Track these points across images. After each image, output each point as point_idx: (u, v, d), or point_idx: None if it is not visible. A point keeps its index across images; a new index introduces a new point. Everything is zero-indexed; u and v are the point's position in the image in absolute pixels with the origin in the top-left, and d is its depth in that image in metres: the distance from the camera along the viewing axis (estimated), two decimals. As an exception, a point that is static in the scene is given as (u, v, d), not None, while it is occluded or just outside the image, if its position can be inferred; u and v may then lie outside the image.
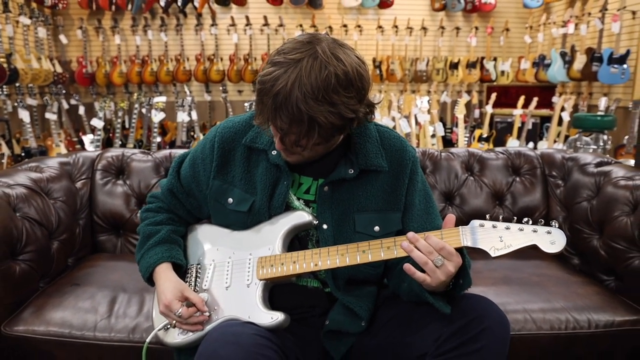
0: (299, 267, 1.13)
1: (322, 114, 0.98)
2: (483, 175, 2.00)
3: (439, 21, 5.96)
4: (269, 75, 1.00)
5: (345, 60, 1.00)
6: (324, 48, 1.00)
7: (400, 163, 1.22)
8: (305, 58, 0.98)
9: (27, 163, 1.87)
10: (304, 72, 0.97)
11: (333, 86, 0.98)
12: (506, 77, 5.86)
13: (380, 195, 1.21)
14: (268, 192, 1.20)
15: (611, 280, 1.68)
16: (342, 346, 1.17)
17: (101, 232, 1.91)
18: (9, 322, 1.40)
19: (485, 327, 1.02)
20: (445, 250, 1.01)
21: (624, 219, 1.64)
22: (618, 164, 1.89)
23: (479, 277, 1.65)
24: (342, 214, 1.19)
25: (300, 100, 0.97)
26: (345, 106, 1.00)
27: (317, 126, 1.00)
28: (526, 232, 1.03)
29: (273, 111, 0.99)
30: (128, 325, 1.39)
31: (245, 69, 5.78)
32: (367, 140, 1.20)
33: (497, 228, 1.04)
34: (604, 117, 3.77)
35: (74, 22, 5.71)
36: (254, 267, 1.17)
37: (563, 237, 1.02)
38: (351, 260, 1.10)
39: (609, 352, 1.47)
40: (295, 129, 1.01)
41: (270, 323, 1.10)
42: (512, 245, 1.02)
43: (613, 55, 4.42)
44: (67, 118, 5.09)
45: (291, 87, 0.97)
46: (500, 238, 1.03)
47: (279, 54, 1.02)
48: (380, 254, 1.09)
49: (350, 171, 1.17)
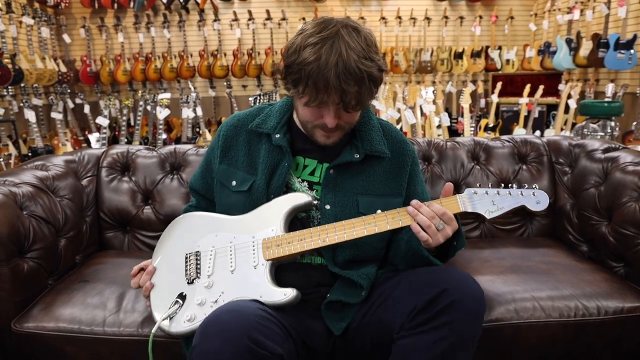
0: (306, 245, 1.16)
1: (373, 69, 1.10)
2: (489, 163, 1.99)
3: (442, 11, 5.92)
4: (315, 53, 1.07)
5: (360, 25, 1.15)
6: (341, 20, 1.13)
7: (401, 152, 1.32)
8: (339, 29, 1.10)
9: (33, 162, 1.88)
10: (349, 39, 1.08)
11: (370, 44, 1.12)
12: (511, 66, 5.81)
13: (382, 180, 1.28)
14: (268, 172, 1.25)
15: (620, 267, 1.67)
16: (342, 320, 1.18)
17: (108, 229, 1.92)
18: (19, 319, 1.42)
19: (454, 300, 1.03)
20: (446, 216, 1.12)
21: (632, 205, 1.63)
22: (626, 150, 1.87)
23: (487, 266, 1.64)
24: (345, 196, 1.25)
25: (357, 62, 1.07)
26: (379, 60, 1.13)
27: (374, 81, 1.11)
28: (514, 195, 1.17)
29: (336, 81, 1.06)
30: (137, 320, 1.40)
31: (249, 64, 5.78)
32: (370, 129, 1.29)
33: (489, 194, 1.17)
34: (611, 103, 3.72)
35: (76, 21, 5.72)
36: (259, 248, 1.19)
37: (546, 197, 1.16)
38: (358, 233, 1.15)
39: (618, 339, 1.45)
40: (359, 89, 1.09)
41: (283, 300, 1.11)
42: (503, 207, 1.16)
43: (620, 41, 4.36)
44: (73, 117, 5.12)
45: (346, 54, 1.07)
46: (492, 202, 1.16)
47: (309, 37, 1.10)
48: (386, 224, 1.15)
49: (356, 155, 1.25)
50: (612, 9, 4.52)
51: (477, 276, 1.58)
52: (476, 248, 1.82)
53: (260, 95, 4.17)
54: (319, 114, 1.16)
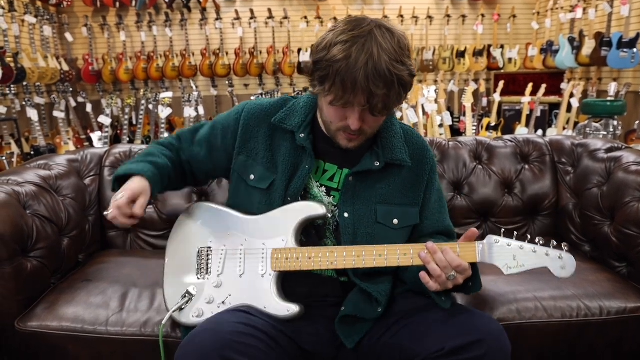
0: (314, 264, 1.14)
1: (404, 73, 1.05)
2: (491, 163, 1.98)
3: (444, 9, 5.90)
4: (345, 51, 1.03)
5: (395, 27, 1.10)
6: (375, 20, 1.08)
7: (421, 161, 1.28)
8: (373, 29, 1.05)
9: (35, 161, 1.89)
10: (381, 39, 1.04)
11: (403, 47, 1.07)
12: (514, 65, 5.79)
13: (400, 189, 1.24)
14: (289, 173, 1.22)
15: (623, 267, 1.67)
16: (355, 334, 1.17)
17: (111, 228, 1.92)
18: (22, 318, 1.42)
19: (486, 353, 1.02)
20: (461, 267, 1.07)
21: (635, 205, 1.62)
22: (629, 149, 1.86)
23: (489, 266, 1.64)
24: (363, 205, 1.21)
25: (388, 64, 1.03)
26: (411, 65, 1.08)
27: (404, 86, 1.07)
28: (539, 254, 1.07)
29: (365, 81, 1.02)
30: (140, 320, 1.41)
31: (251, 63, 5.77)
32: (392, 136, 1.25)
33: (511, 247, 1.08)
34: (614, 102, 3.71)
35: (79, 19, 5.72)
36: (268, 257, 1.18)
37: (573, 263, 1.07)
38: (367, 263, 1.12)
39: (620, 339, 1.45)
40: (388, 92, 1.05)
41: (286, 315, 1.12)
42: (524, 265, 1.07)
43: (623, 40, 4.35)
44: (75, 116, 5.12)
45: (378, 54, 1.02)
46: (514, 257, 1.08)
47: (340, 34, 1.06)
48: (397, 259, 1.11)
49: (376, 163, 1.21)
50: (615, 7, 4.50)
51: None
52: (478, 248, 1.82)
53: (262, 94, 4.17)
54: (343, 114, 1.12)
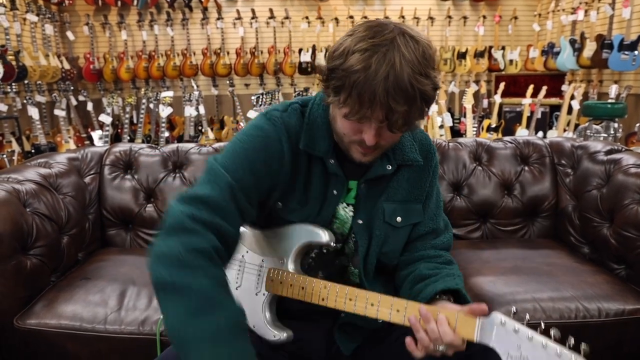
0: (306, 296, 1.09)
1: (428, 87, 0.95)
2: (491, 164, 1.98)
3: (446, 10, 5.90)
4: (364, 61, 0.92)
5: (420, 34, 0.98)
6: (398, 26, 0.97)
7: (426, 157, 1.21)
8: (396, 36, 0.94)
9: (36, 159, 1.89)
10: (405, 49, 0.93)
11: (428, 58, 0.96)
12: (515, 66, 5.79)
13: (405, 186, 1.19)
14: (320, 203, 1.14)
15: (622, 269, 1.67)
16: (353, 341, 1.16)
17: (110, 227, 1.92)
18: (22, 316, 1.42)
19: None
20: (452, 345, 0.95)
21: (634, 207, 1.63)
22: (628, 152, 1.87)
23: (488, 267, 1.64)
24: (372, 205, 1.17)
25: (411, 77, 0.92)
26: (435, 77, 0.98)
27: (426, 101, 0.97)
28: (549, 351, 0.89)
29: (384, 96, 0.92)
30: (138, 318, 1.41)
31: (252, 63, 5.78)
32: (402, 135, 1.16)
33: (518, 333, 0.90)
34: (615, 104, 3.71)
35: (80, 18, 5.73)
36: (264, 276, 1.15)
37: None
38: (357, 310, 1.05)
39: (619, 341, 1.45)
40: (409, 109, 0.95)
41: (272, 340, 1.10)
42: (528, 358, 0.89)
43: (624, 42, 4.35)
44: (76, 114, 5.13)
45: (400, 66, 0.92)
46: (518, 346, 0.90)
47: (360, 41, 0.95)
48: (388, 315, 1.02)
49: (388, 167, 1.15)
50: (617, 9, 4.50)
51: (478, 277, 1.58)
52: (477, 249, 1.82)
53: (263, 94, 4.17)
54: (359, 128, 1.01)
